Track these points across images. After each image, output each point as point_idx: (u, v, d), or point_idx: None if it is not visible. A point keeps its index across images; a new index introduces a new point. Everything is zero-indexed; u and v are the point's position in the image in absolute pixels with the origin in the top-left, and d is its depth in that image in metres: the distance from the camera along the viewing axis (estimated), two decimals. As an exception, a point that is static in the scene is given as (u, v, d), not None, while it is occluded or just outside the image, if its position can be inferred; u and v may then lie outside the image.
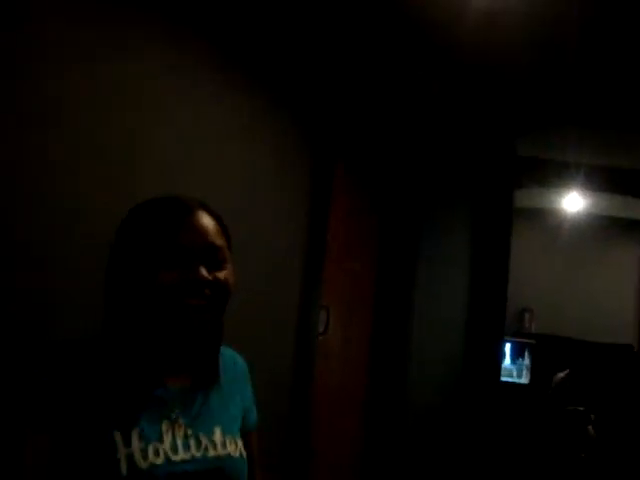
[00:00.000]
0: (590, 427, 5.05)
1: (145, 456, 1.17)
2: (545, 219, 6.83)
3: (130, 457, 1.15)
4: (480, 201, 4.70)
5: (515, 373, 6.62)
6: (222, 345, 1.39)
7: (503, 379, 6.30)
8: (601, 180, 4.91)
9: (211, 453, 1.25)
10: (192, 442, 1.24)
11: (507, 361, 6.62)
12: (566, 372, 5.45)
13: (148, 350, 1.25)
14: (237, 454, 1.30)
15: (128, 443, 1.16)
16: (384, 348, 3.84)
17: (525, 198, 5.80)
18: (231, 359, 1.43)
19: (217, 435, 1.28)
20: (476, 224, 4.76)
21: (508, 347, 6.60)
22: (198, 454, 1.24)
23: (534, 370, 6.48)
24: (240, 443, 1.32)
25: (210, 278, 1.22)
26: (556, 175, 4.97)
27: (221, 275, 1.24)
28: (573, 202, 6.39)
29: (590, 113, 4.17)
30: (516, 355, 6.67)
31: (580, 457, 4.94)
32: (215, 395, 1.33)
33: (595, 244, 7.09)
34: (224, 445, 1.28)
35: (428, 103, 4.04)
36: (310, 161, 3.06)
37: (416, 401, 4.04)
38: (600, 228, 6.97)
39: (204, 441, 1.26)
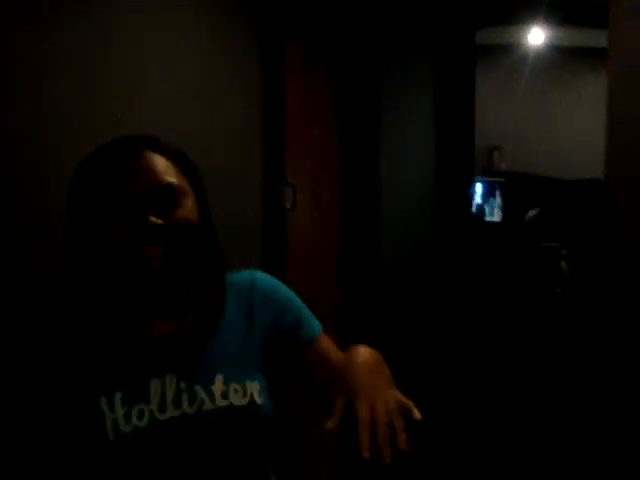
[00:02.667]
0: (563, 262, 5.13)
1: (128, 419, 1.13)
2: (508, 55, 6.67)
3: (115, 422, 1.13)
4: (441, 43, 4.56)
5: (487, 212, 6.68)
6: (234, 272, 1.31)
7: (475, 218, 6.36)
8: (562, 13, 4.78)
9: (207, 407, 1.18)
10: (184, 397, 1.17)
11: (479, 200, 6.65)
12: (538, 209, 5.48)
13: (119, 308, 1.19)
14: (244, 402, 1.20)
15: (112, 408, 1.14)
16: (354, 209, 3.81)
17: (487, 36, 5.63)
18: (245, 284, 1.33)
19: (218, 384, 1.19)
20: (438, 66, 4.63)
21: (479, 186, 6.61)
22: (191, 410, 1.17)
23: (506, 208, 6.52)
24: (252, 387, 1.22)
25: (161, 222, 1.14)
26: (517, 11, 4.82)
27: (176, 215, 1.16)
28: (535, 36, 6.24)
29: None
30: (487, 194, 6.70)
31: (555, 292, 5.04)
32: (218, 336, 1.24)
33: (560, 77, 6.98)
34: (225, 395, 1.19)
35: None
36: (259, 31, 2.90)
37: (390, 251, 4.05)
38: (564, 60, 6.84)
39: (200, 394, 1.18)
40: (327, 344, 1.33)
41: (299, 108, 3.17)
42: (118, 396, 1.14)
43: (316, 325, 1.35)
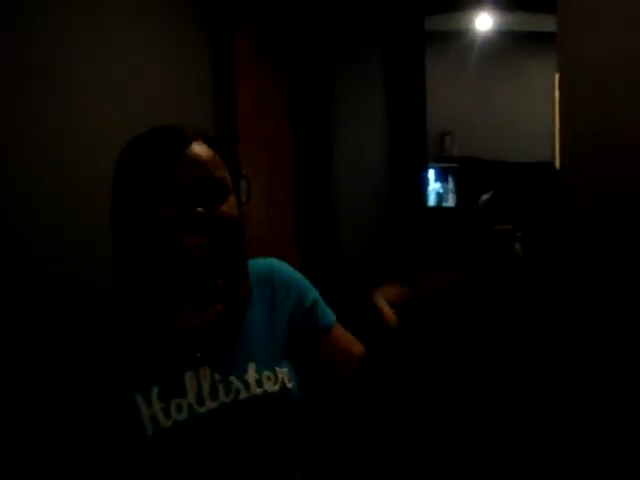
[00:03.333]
0: (517, 245, 5.18)
1: (168, 414, 1.14)
2: (456, 41, 6.69)
3: (153, 417, 1.13)
4: (390, 32, 4.56)
5: (441, 197, 6.73)
6: (250, 260, 1.33)
7: (430, 204, 6.42)
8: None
9: (243, 395, 1.20)
10: (220, 388, 1.19)
11: (432, 186, 6.70)
12: (491, 193, 5.54)
13: (157, 292, 1.20)
14: (277, 388, 1.23)
15: (149, 404, 1.14)
16: (309, 204, 3.80)
17: (435, 22, 5.65)
18: (267, 273, 1.36)
19: (251, 373, 1.21)
20: (388, 55, 4.64)
21: (432, 172, 6.65)
22: (228, 400, 1.18)
23: (459, 193, 6.59)
24: (282, 373, 1.25)
25: (206, 215, 1.16)
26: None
27: (221, 209, 1.19)
28: (483, 22, 6.30)
29: None
30: (440, 180, 6.75)
31: (509, 275, 5.09)
32: (247, 325, 1.27)
33: (509, 62, 7.02)
34: (259, 383, 1.21)
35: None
36: (208, 23, 2.87)
37: (348, 245, 4.06)
38: (513, 45, 6.88)
39: (235, 384, 1.20)
40: (343, 332, 1.39)
41: (251, 101, 3.14)
42: (155, 391, 1.15)
43: (330, 314, 1.40)
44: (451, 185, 6.73)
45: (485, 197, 5.75)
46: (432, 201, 6.71)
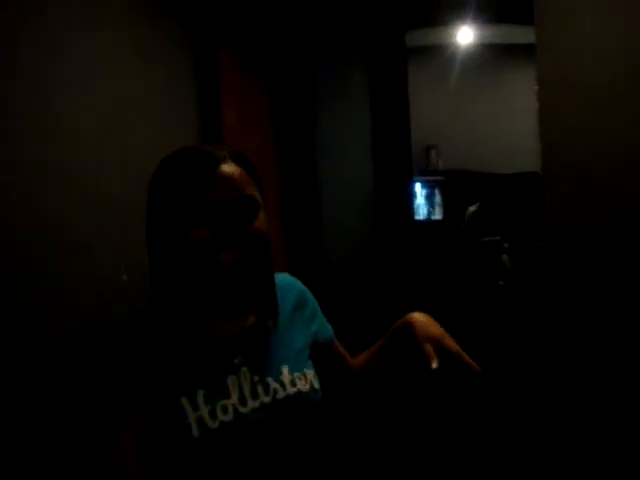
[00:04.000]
0: (505, 256, 5.20)
1: (214, 416, 1.18)
2: (438, 55, 6.74)
3: (200, 419, 1.17)
4: (372, 48, 4.59)
5: (428, 211, 6.74)
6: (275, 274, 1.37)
7: (417, 218, 6.43)
8: (490, 11, 4.87)
9: (280, 395, 1.26)
10: (260, 388, 1.25)
11: (419, 200, 6.71)
12: (477, 205, 5.56)
13: (193, 306, 1.26)
14: (307, 388, 1.30)
15: (195, 407, 1.18)
16: (296, 215, 3.81)
17: (417, 37, 5.70)
18: (288, 287, 1.43)
19: (285, 374, 1.29)
20: (371, 70, 4.67)
21: (418, 186, 6.67)
22: (267, 399, 1.25)
23: (446, 206, 6.60)
24: (310, 374, 1.33)
25: (239, 235, 1.21)
26: (444, 12, 4.89)
27: (254, 226, 1.23)
28: (465, 36, 6.34)
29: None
30: (427, 193, 6.76)
31: (498, 285, 5.11)
32: (277, 333, 1.34)
33: (491, 74, 7.06)
34: (293, 383, 1.29)
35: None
36: (191, 44, 2.88)
37: (333, 254, 4.06)
38: (495, 58, 6.93)
39: (272, 384, 1.27)
40: (339, 344, 1.52)
41: (236, 115, 3.15)
42: (201, 394, 1.19)
43: (330, 326, 1.51)
44: (438, 198, 6.75)
45: (472, 209, 5.77)
46: (421, 215, 6.72)
